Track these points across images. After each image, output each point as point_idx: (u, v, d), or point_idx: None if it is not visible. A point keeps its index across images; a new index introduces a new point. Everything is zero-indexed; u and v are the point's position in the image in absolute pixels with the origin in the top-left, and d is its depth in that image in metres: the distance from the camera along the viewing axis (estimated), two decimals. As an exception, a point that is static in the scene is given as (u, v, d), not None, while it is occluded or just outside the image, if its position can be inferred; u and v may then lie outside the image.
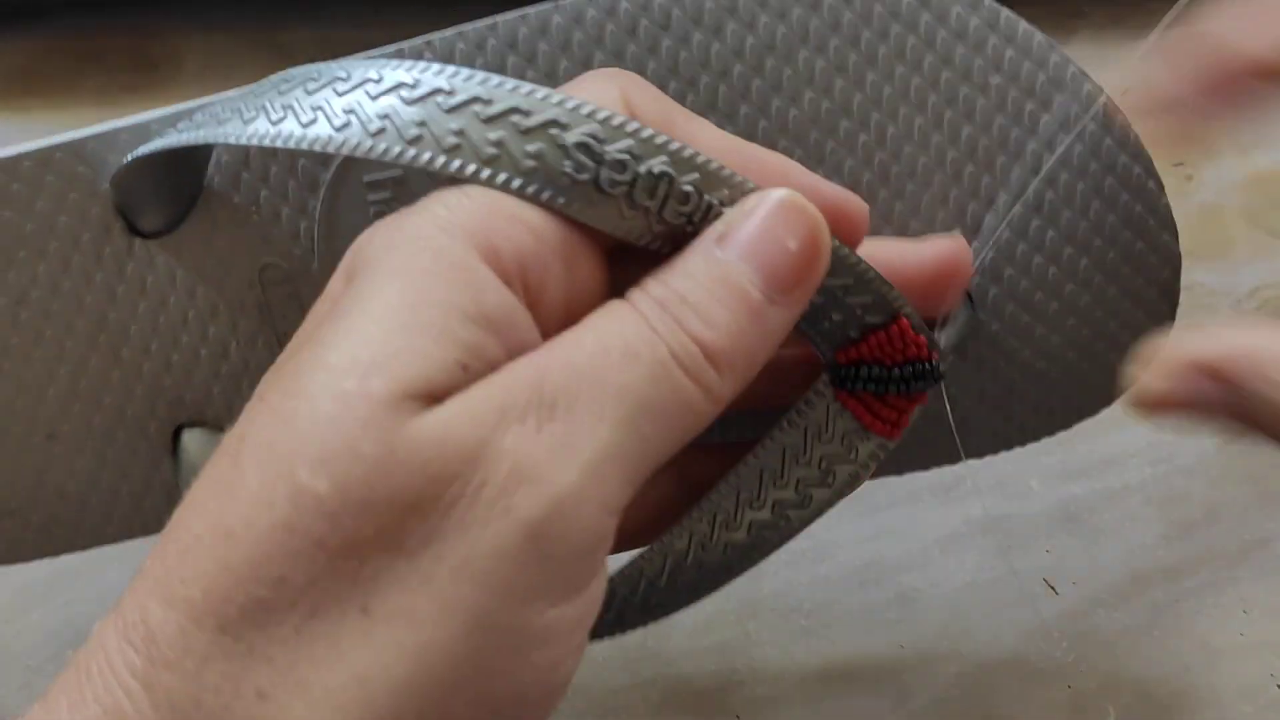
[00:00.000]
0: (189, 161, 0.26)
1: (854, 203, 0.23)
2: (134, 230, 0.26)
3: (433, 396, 0.18)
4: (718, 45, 0.26)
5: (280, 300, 0.27)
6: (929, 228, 0.27)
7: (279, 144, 0.21)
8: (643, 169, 0.20)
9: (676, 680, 0.32)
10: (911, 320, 0.23)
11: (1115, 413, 0.35)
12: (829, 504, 0.24)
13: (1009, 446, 0.28)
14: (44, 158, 0.26)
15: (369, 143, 0.20)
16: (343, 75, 0.21)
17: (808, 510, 0.24)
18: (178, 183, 0.26)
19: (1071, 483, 0.34)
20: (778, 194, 0.20)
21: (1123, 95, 0.27)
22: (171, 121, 0.25)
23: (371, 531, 0.17)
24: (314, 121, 0.20)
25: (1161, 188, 0.27)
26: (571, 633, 0.18)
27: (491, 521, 0.17)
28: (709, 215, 0.20)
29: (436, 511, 0.17)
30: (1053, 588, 0.33)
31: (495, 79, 0.20)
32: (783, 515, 0.24)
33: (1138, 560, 0.33)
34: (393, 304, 0.18)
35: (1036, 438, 0.28)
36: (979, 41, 0.26)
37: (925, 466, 0.28)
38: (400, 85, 0.20)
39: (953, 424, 0.27)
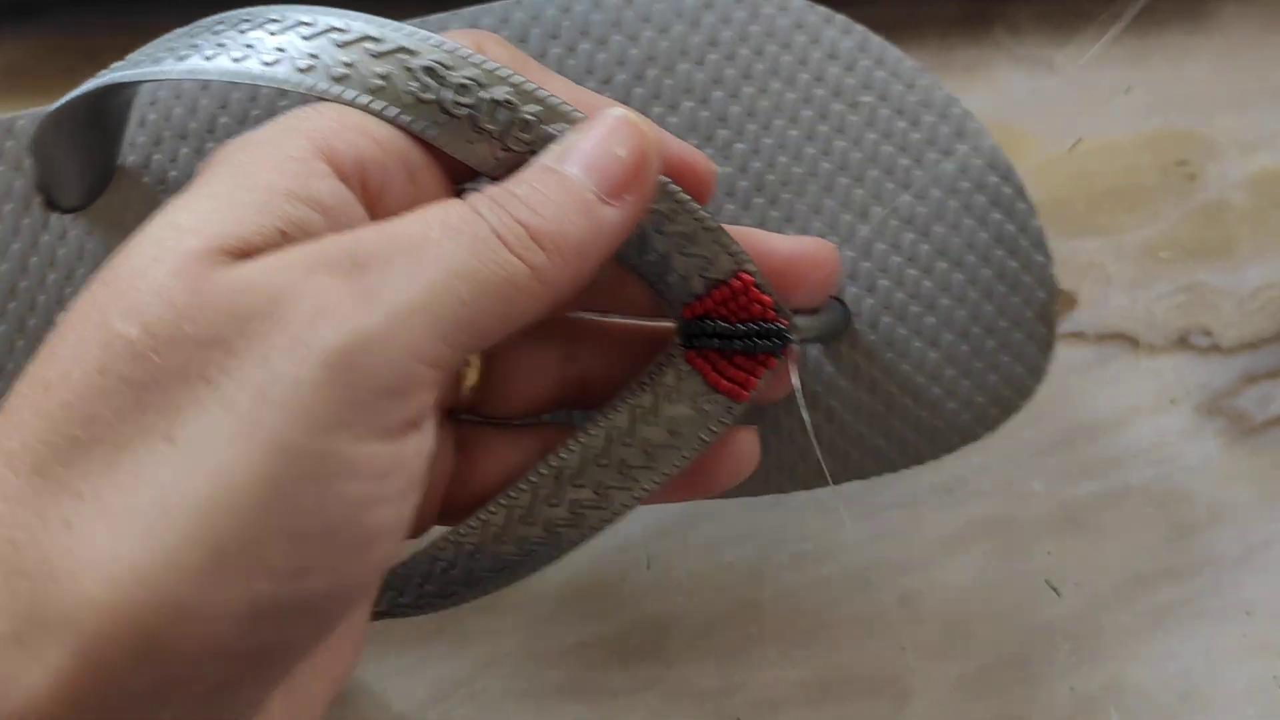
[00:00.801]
0: (104, 133, 0.27)
1: (700, 160, 0.24)
2: (51, 205, 0.28)
3: (246, 253, 0.19)
4: (603, 55, 0.28)
5: None
6: (802, 235, 0.28)
7: (213, 79, 0.23)
8: (485, 95, 0.22)
9: (677, 682, 0.32)
10: (755, 278, 0.24)
11: (1117, 414, 0.35)
12: (675, 466, 0.25)
13: (892, 468, 0.29)
14: None
15: (260, 72, 0.22)
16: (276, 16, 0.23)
17: (654, 471, 0.25)
18: (93, 157, 0.28)
19: (1073, 484, 0.34)
20: (611, 111, 0.22)
21: (1125, 94, 0.27)
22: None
23: (176, 366, 0.18)
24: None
25: (1033, 210, 0.28)
26: (384, 475, 0.19)
27: (292, 352, 0.18)
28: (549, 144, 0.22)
29: (240, 346, 0.18)
30: (1055, 589, 0.33)
31: (352, 14, 0.22)
32: (630, 476, 0.25)
33: (1140, 562, 0.33)
34: (222, 183, 0.20)
35: (920, 460, 0.29)
36: (850, 62, 0.28)
37: (801, 487, 0.29)
38: (268, 21, 0.22)
39: (813, 437, 0.28)
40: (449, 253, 0.20)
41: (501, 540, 0.25)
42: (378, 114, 0.21)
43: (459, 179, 0.23)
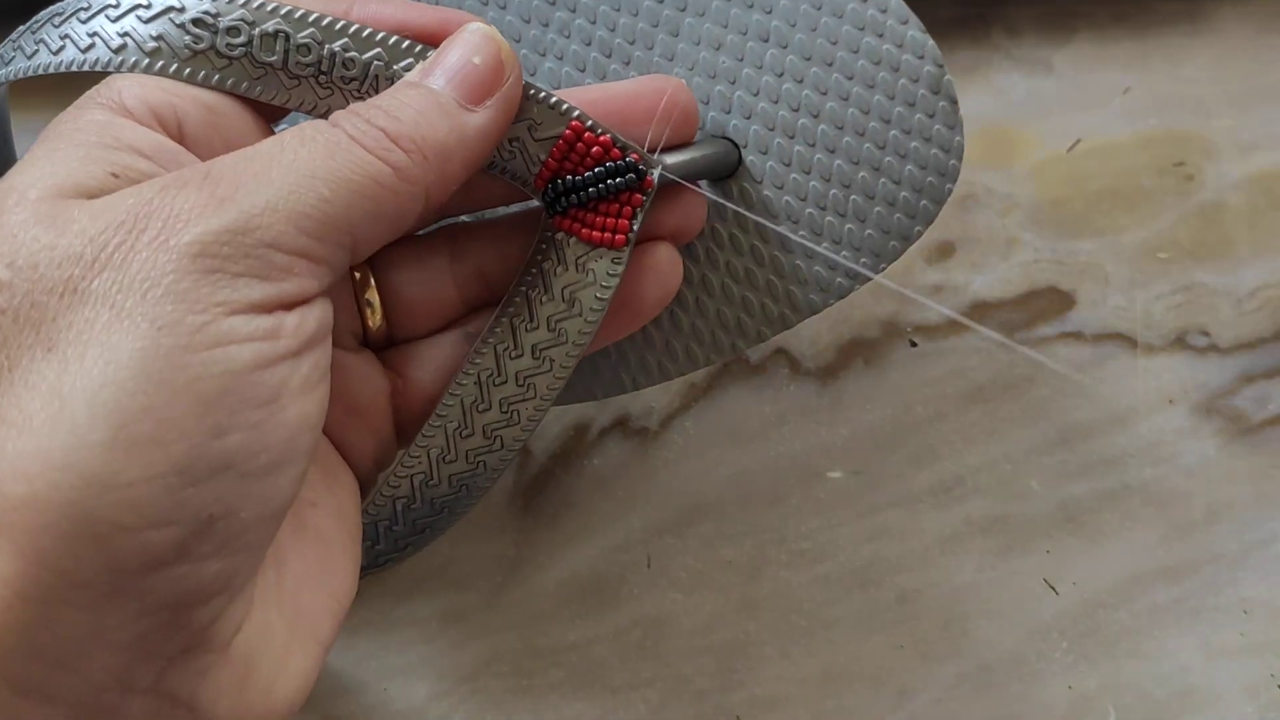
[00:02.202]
0: None
1: (461, 16, 0.25)
2: None
3: (91, 195, 0.20)
4: None
5: None
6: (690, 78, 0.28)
7: (62, 71, 0.23)
8: (257, 31, 0.23)
9: (676, 680, 0.32)
10: (585, 123, 0.25)
11: (1115, 413, 0.35)
12: (584, 334, 0.25)
13: (842, 292, 0.28)
14: None
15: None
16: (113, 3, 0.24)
17: (566, 345, 0.25)
18: None
19: (1071, 483, 0.34)
20: (466, 28, 0.24)
21: (1123, 95, 0.27)
22: None
23: (43, 289, 0.19)
24: (92, 46, 0.23)
25: (924, 30, 0.27)
26: (269, 339, 0.20)
27: (153, 252, 0.19)
28: (386, 80, 0.23)
29: (102, 259, 0.19)
30: (1053, 588, 0.33)
31: None
32: (543, 358, 0.25)
33: (1138, 560, 0.33)
34: (42, 150, 0.21)
35: (860, 276, 0.28)
36: None
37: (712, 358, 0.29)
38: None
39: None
40: (304, 158, 0.21)
41: (447, 460, 0.26)
42: (161, 73, 0.23)
43: (266, 113, 0.24)
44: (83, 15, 0.24)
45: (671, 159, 0.26)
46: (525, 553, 0.33)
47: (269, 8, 0.23)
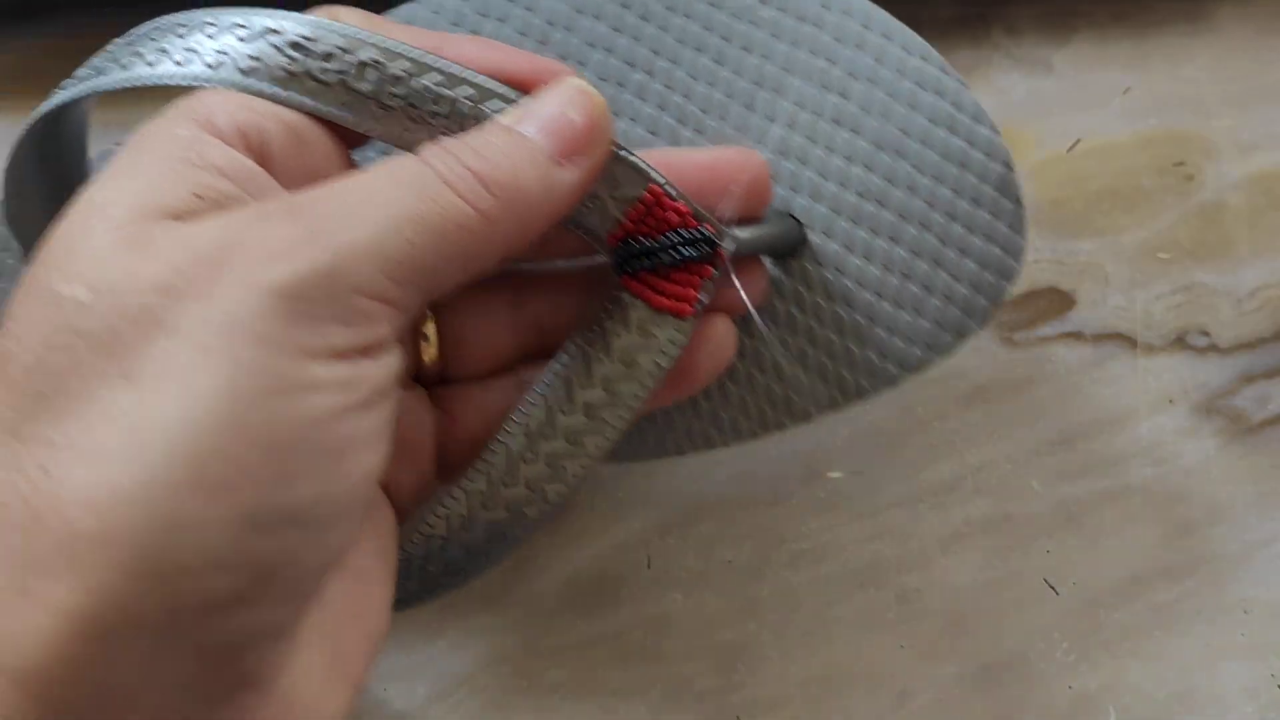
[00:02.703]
0: (67, 161, 0.27)
1: (557, 67, 0.25)
2: (25, 246, 0.27)
3: (174, 216, 0.20)
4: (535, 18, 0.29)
5: None
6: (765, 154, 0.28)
7: (157, 84, 0.23)
8: (352, 59, 0.23)
9: (676, 680, 0.32)
10: (665, 188, 0.24)
11: (1115, 413, 0.35)
12: (639, 397, 0.25)
13: (891, 381, 0.28)
14: None
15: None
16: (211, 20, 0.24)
17: (618, 407, 0.25)
18: (59, 186, 0.27)
19: (1072, 483, 0.34)
20: (565, 81, 0.23)
21: (1123, 95, 0.27)
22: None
23: (126, 315, 0.18)
24: (189, 62, 0.23)
25: (964, 84, 0.27)
26: (345, 389, 0.19)
27: (243, 288, 0.19)
28: (471, 118, 0.23)
29: (188, 290, 0.19)
30: (1053, 588, 0.33)
31: (246, 10, 0.24)
32: (596, 417, 0.25)
33: (1138, 560, 0.33)
34: (125, 165, 0.21)
35: (918, 368, 0.28)
36: None
37: (778, 428, 0.29)
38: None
39: (768, 334, 0.28)
40: (395, 198, 0.20)
41: (488, 506, 0.25)
42: (253, 93, 0.23)
43: (347, 138, 0.24)
44: (180, 31, 0.24)
45: (743, 233, 0.26)
46: (525, 553, 0.33)
47: (365, 37, 0.23)
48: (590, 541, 0.33)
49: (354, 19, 0.24)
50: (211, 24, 0.24)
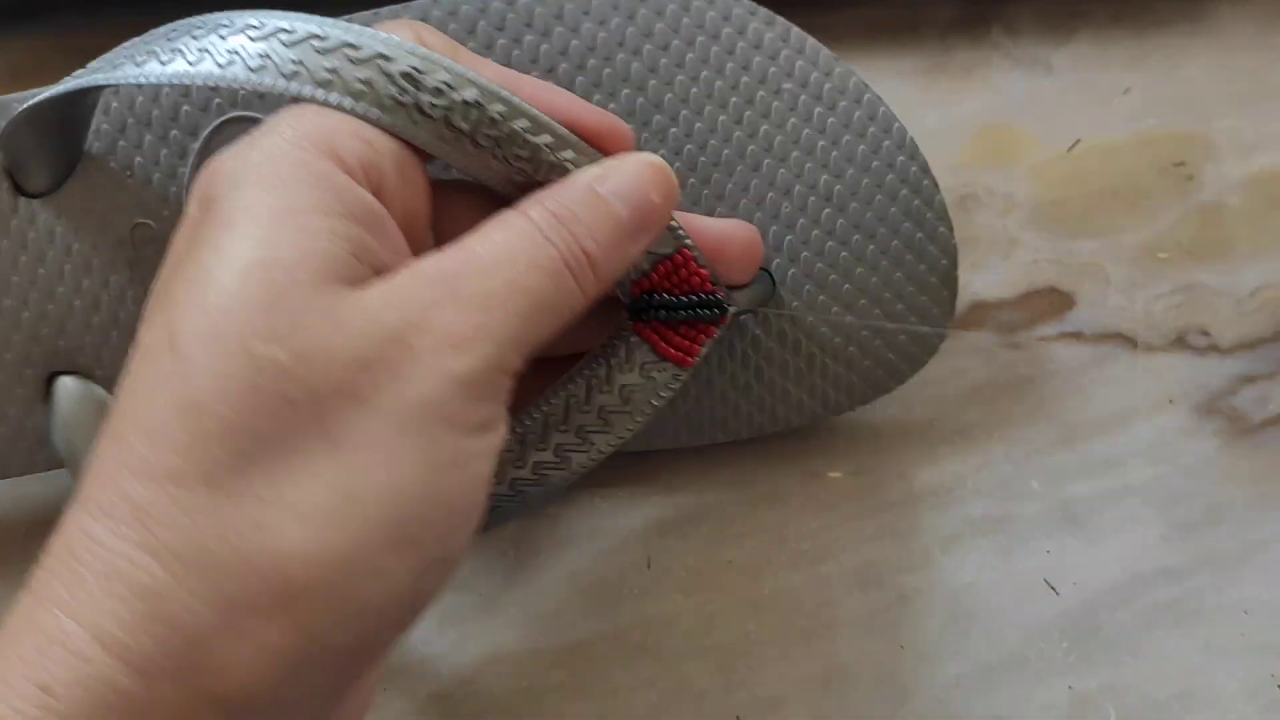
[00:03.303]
0: (72, 125, 0.29)
1: (620, 126, 0.27)
2: (20, 190, 0.29)
3: (348, 284, 0.21)
4: (546, 45, 0.30)
5: (149, 258, 0.30)
6: (732, 212, 0.31)
7: (169, 82, 0.24)
8: (457, 97, 0.24)
9: (676, 680, 0.32)
10: (694, 254, 0.27)
11: (1116, 413, 0.35)
12: (627, 430, 0.28)
13: (814, 419, 0.32)
14: None
15: (245, 77, 0.23)
16: (226, 22, 0.24)
17: (609, 434, 0.28)
18: (61, 146, 0.29)
19: (1072, 483, 0.34)
20: (647, 158, 0.25)
21: (1123, 95, 0.27)
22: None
23: (329, 385, 0.20)
24: (201, 61, 0.24)
25: (936, 186, 0.31)
26: (487, 458, 0.22)
27: (432, 375, 0.21)
28: (546, 164, 0.25)
29: (381, 368, 0.21)
30: (1053, 588, 0.33)
31: (329, 21, 0.24)
32: (587, 439, 0.27)
33: (1138, 561, 0.33)
34: (274, 209, 0.21)
35: (838, 410, 0.32)
36: (774, 52, 0.31)
37: (732, 437, 0.33)
38: (248, 27, 0.24)
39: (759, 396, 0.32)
40: (531, 285, 0.23)
41: None
42: (361, 116, 0.23)
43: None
44: (285, 39, 0.24)
45: (740, 297, 0.29)
46: (525, 553, 0.33)
47: (468, 76, 0.24)
48: (590, 541, 0.33)
49: (438, 43, 0.25)
50: (321, 37, 0.24)
